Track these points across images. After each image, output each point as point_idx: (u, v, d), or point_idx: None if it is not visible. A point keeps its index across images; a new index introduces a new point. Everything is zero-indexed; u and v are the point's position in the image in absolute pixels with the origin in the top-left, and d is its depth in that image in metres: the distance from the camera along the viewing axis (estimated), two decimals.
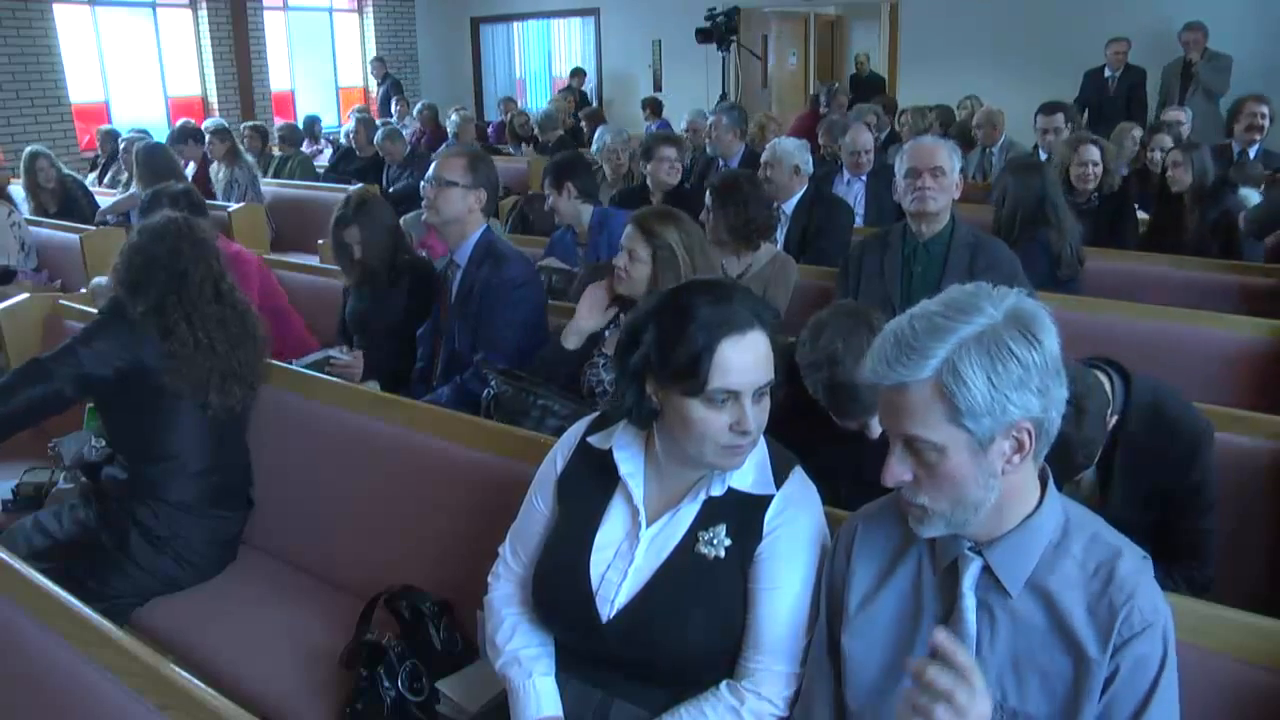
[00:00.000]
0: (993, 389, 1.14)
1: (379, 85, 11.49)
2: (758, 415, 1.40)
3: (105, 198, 6.28)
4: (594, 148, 5.43)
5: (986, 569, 1.25)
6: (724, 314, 1.38)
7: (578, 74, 11.34)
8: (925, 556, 1.33)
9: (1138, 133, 5.31)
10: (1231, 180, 4.13)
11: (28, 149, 5.72)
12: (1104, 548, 1.24)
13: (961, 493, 1.20)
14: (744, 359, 1.37)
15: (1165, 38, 7.33)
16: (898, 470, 1.22)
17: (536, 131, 8.30)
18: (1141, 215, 4.44)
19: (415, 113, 9.16)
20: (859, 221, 4.76)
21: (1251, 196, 4.09)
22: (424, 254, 3.61)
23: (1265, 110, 5.08)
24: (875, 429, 1.93)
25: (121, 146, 6.43)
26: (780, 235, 3.80)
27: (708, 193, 3.29)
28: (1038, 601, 1.23)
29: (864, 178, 4.80)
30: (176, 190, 3.42)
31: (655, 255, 2.41)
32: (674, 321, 1.39)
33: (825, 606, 1.42)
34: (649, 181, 4.39)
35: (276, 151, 7.59)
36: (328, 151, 8.36)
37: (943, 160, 2.78)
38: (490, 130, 9.73)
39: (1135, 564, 1.23)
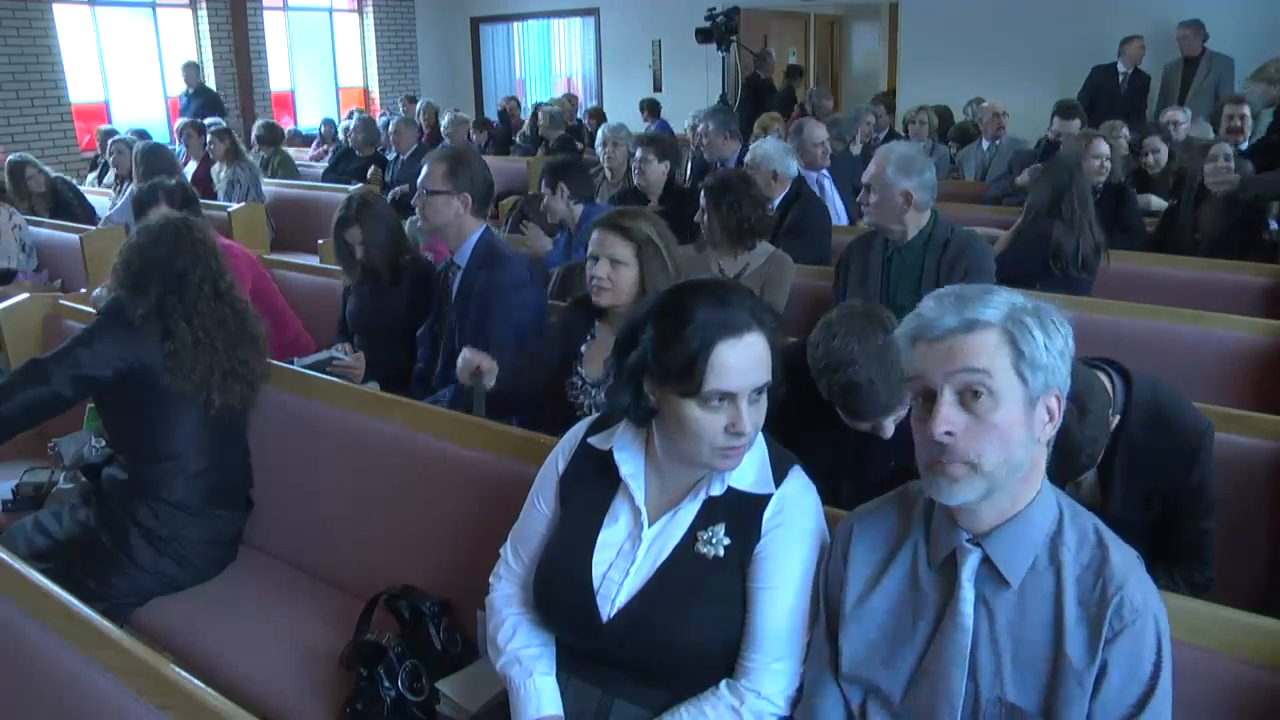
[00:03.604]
0: (1048, 349, 1.21)
1: (187, 98, 9.58)
2: (754, 416, 1.40)
3: (101, 197, 6.29)
4: (597, 145, 5.44)
5: (985, 560, 1.26)
6: (722, 315, 1.37)
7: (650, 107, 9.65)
8: (921, 550, 1.33)
9: (1125, 131, 5.31)
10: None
11: (10, 157, 5.69)
12: (1096, 541, 1.25)
13: (1009, 449, 1.20)
14: (740, 361, 1.37)
15: (1166, 38, 7.34)
16: (950, 415, 1.20)
17: (542, 130, 8.30)
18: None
19: (418, 111, 9.17)
20: (843, 218, 4.75)
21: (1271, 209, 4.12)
22: (429, 256, 3.62)
23: (1245, 111, 5.09)
24: (888, 429, 1.93)
25: (110, 149, 6.42)
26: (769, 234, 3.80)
27: (701, 193, 3.30)
28: (1035, 593, 1.24)
29: (827, 171, 4.78)
30: (170, 184, 3.42)
31: (640, 252, 2.25)
32: (671, 322, 1.39)
33: (824, 607, 1.42)
34: (636, 182, 4.41)
35: (261, 152, 7.56)
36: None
37: (871, 177, 2.84)
38: (494, 125, 9.72)
39: (1126, 557, 1.23)
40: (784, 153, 4.02)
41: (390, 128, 6.99)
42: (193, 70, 9.73)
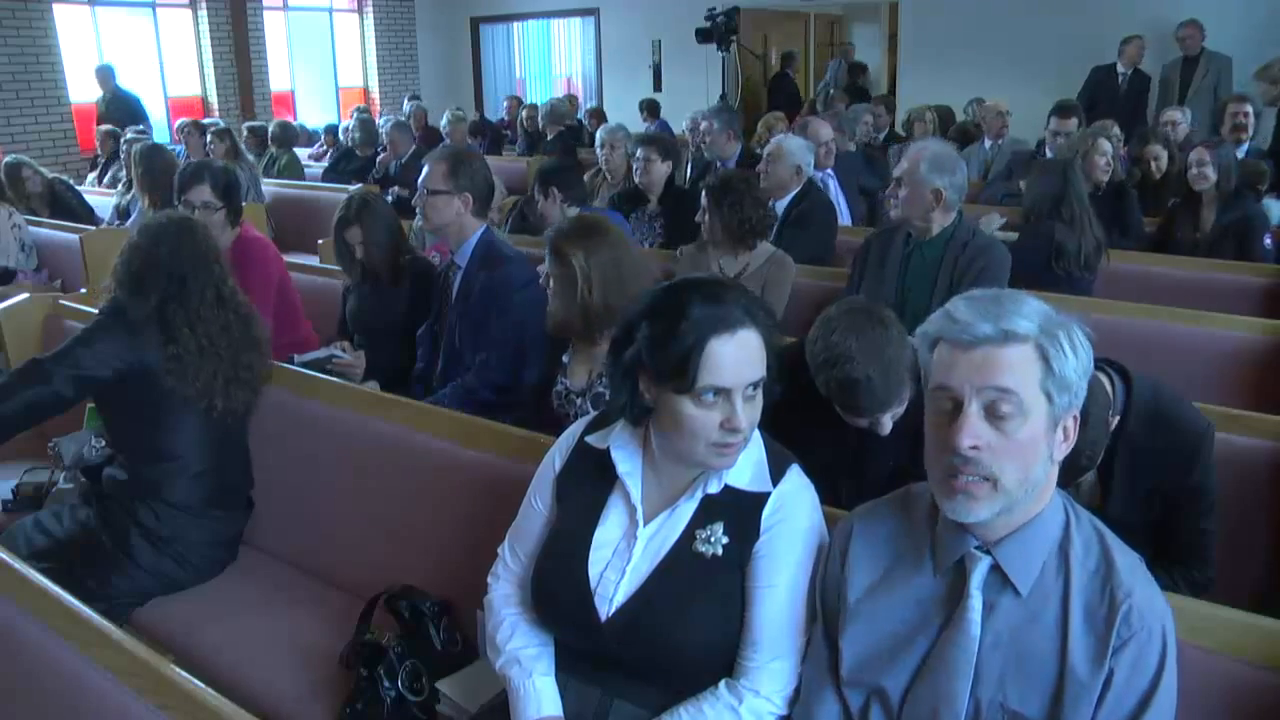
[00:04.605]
0: (1075, 369, 1.19)
1: (105, 105, 8.92)
2: (749, 413, 1.40)
3: (103, 198, 6.28)
4: (597, 146, 5.44)
5: (995, 567, 1.25)
6: (715, 312, 1.37)
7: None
8: (927, 554, 1.32)
9: (1117, 130, 5.30)
10: (1257, 187, 4.12)
11: (5, 159, 5.67)
12: (1100, 546, 1.24)
13: (1030, 467, 1.19)
14: (734, 357, 1.37)
15: (1166, 38, 7.34)
16: (977, 429, 1.18)
17: (542, 125, 8.29)
18: None
19: (406, 112, 9.13)
20: (847, 216, 4.75)
21: (1273, 208, 4.07)
22: (435, 257, 3.61)
23: (1248, 109, 5.08)
24: (885, 426, 1.93)
25: (123, 148, 6.43)
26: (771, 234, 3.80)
27: (703, 193, 3.30)
28: (1043, 600, 1.23)
29: (831, 171, 4.78)
30: (217, 167, 3.38)
31: (557, 270, 2.25)
32: (666, 319, 1.39)
33: (820, 609, 1.42)
34: (639, 181, 4.41)
35: (271, 150, 7.60)
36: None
37: (903, 172, 2.88)
38: (499, 124, 9.71)
39: (1132, 562, 1.23)
40: (808, 150, 4.02)
41: (384, 133, 6.91)
42: (106, 75, 8.95)
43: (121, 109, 8.76)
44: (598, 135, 5.25)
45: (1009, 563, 1.24)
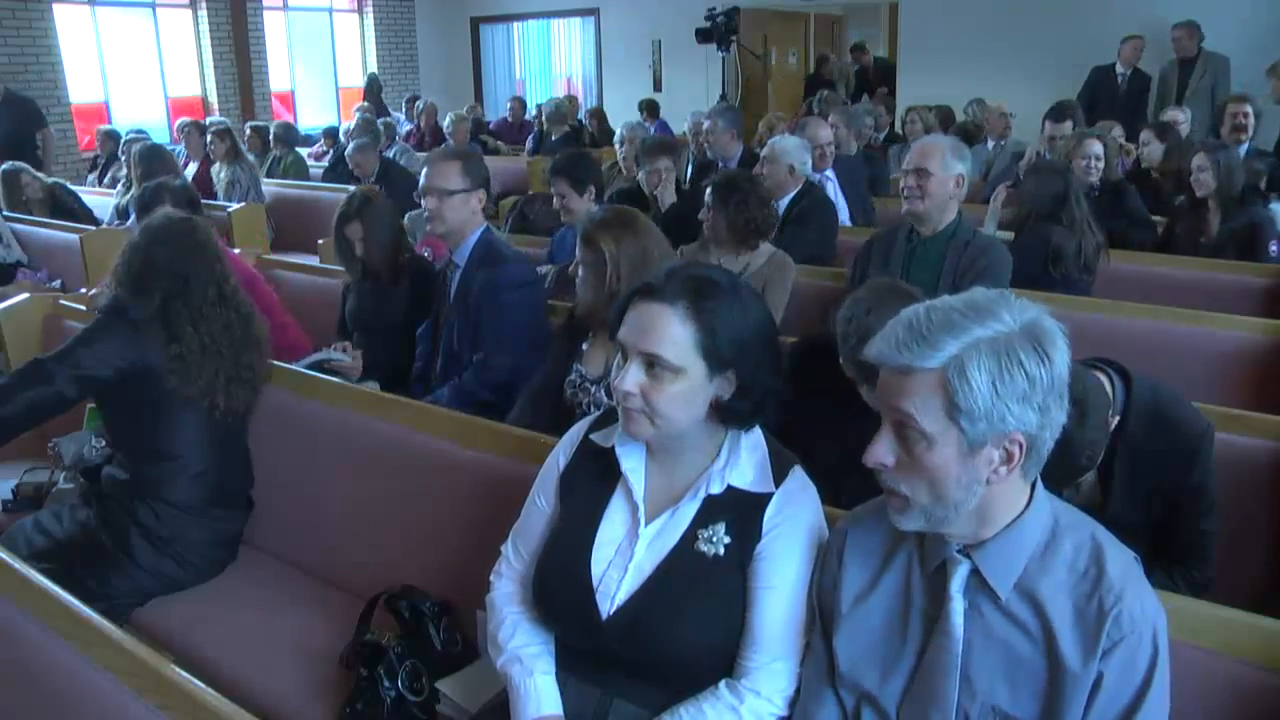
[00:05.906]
0: (995, 396, 1.14)
1: None
2: (640, 381, 1.41)
3: (103, 198, 6.28)
4: (617, 142, 5.44)
5: (975, 571, 1.25)
6: (655, 281, 1.44)
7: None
8: (915, 557, 1.33)
9: (1118, 131, 5.30)
10: (1263, 190, 4.09)
11: (4, 166, 5.64)
12: (1094, 549, 1.23)
13: (941, 490, 1.19)
14: (641, 320, 1.43)
15: (1166, 38, 7.33)
16: (880, 451, 1.22)
17: (545, 125, 8.26)
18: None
19: (417, 111, 9.14)
20: (846, 216, 4.76)
21: None
22: (426, 253, 3.62)
23: (1248, 110, 5.07)
24: None
25: (123, 148, 6.43)
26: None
27: (707, 192, 3.30)
28: (1027, 604, 1.22)
29: (830, 172, 4.77)
30: (176, 186, 3.38)
31: (589, 259, 2.32)
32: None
33: (818, 611, 1.42)
34: (643, 187, 4.40)
35: (274, 151, 7.60)
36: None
37: (929, 161, 2.83)
38: (492, 126, 9.72)
39: (1125, 565, 1.22)
40: (803, 150, 4.01)
41: (348, 154, 6.22)
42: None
43: (23, 116, 7.71)
44: (618, 132, 5.26)
45: (987, 567, 1.24)
